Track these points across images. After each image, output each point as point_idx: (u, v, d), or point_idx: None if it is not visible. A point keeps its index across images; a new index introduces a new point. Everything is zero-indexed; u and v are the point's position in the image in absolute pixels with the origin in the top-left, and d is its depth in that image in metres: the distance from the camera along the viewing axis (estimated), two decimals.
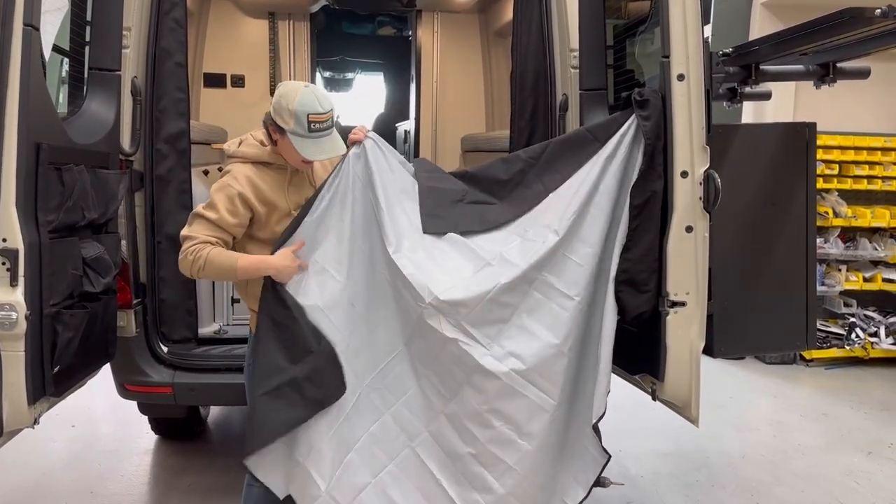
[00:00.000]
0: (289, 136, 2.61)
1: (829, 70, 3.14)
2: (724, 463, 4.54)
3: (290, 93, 2.61)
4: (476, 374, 2.62)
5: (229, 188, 2.61)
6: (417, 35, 6.27)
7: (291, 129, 2.59)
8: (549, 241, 2.68)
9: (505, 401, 2.63)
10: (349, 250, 2.74)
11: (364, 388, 2.72)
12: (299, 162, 2.69)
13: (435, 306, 2.60)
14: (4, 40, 2.31)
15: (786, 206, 3.00)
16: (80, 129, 2.93)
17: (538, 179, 2.87)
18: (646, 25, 3.55)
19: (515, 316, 2.67)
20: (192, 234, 2.57)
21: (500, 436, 2.64)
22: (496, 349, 2.64)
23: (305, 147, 2.60)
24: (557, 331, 2.65)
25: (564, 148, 2.87)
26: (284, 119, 2.60)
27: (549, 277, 2.68)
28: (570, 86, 3.59)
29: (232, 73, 5.76)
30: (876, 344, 6.77)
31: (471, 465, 2.67)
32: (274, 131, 2.66)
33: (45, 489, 4.02)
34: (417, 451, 2.72)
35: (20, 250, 2.34)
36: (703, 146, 2.65)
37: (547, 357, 2.64)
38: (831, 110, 6.59)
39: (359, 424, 2.70)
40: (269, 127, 2.67)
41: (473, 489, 2.67)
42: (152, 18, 3.37)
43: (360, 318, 2.72)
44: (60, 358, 2.58)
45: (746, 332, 2.99)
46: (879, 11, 2.41)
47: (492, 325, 2.65)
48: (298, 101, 2.57)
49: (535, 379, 2.63)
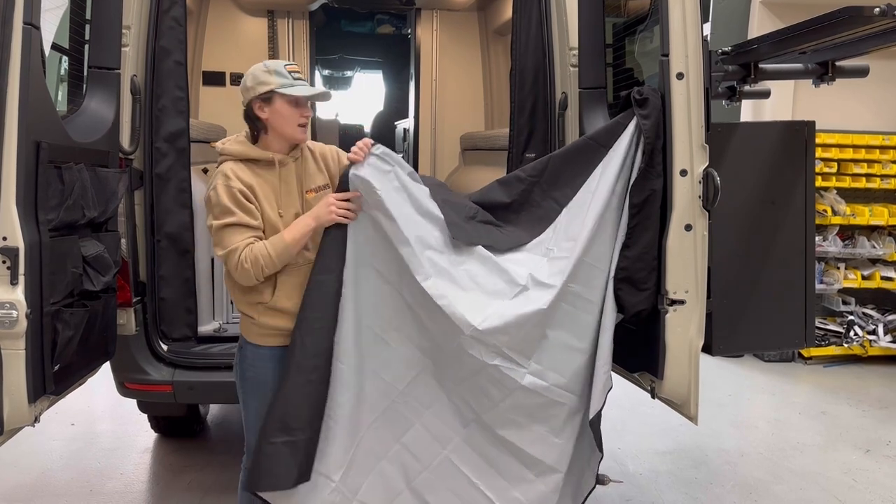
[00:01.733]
0: (278, 92, 2.55)
1: (827, 68, 3.14)
2: (723, 461, 4.55)
3: (252, 69, 2.62)
4: (517, 392, 2.65)
5: (228, 188, 2.53)
6: (416, 33, 6.27)
7: (278, 83, 2.56)
8: (575, 253, 2.67)
9: (544, 410, 2.69)
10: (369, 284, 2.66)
11: (391, 401, 2.70)
12: (295, 126, 2.62)
13: (475, 338, 2.57)
14: (4, 38, 2.31)
15: (784, 204, 3.00)
16: (80, 127, 2.93)
17: (547, 197, 2.83)
18: (645, 24, 3.55)
19: (550, 331, 2.68)
20: (230, 248, 2.49)
21: (540, 438, 2.70)
22: (534, 366, 2.66)
23: (297, 90, 2.57)
24: (584, 337, 2.71)
25: (568, 160, 2.83)
26: (266, 81, 2.56)
27: (575, 287, 2.68)
28: (570, 84, 3.59)
29: (231, 71, 5.76)
30: (874, 342, 6.78)
31: (510, 466, 2.72)
32: (261, 108, 2.59)
33: (44, 487, 4.02)
34: (451, 457, 2.72)
35: (20, 249, 2.34)
36: (703, 145, 2.65)
37: (580, 364, 2.70)
38: (830, 109, 6.59)
39: (389, 435, 2.71)
40: (254, 110, 2.60)
41: (512, 487, 2.72)
42: (152, 17, 3.37)
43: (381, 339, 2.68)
44: (60, 356, 2.58)
45: (745, 330, 3.00)
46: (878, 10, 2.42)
47: (530, 345, 2.66)
48: (265, 64, 2.61)
49: (573, 387, 2.70)
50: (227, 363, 3.45)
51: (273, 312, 2.64)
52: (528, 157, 3.79)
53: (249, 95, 2.60)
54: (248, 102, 2.61)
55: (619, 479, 3.51)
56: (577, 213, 2.75)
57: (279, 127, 2.61)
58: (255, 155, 2.62)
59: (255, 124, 2.64)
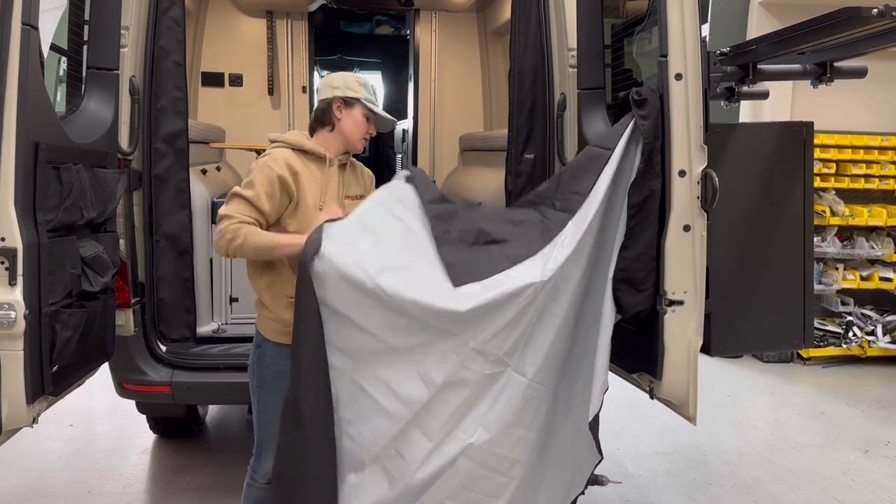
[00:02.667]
0: (362, 102, 2.77)
1: (826, 69, 3.14)
2: (722, 461, 4.55)
3: (344, 74, 2.83)
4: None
5: (269, 169, 2.64)
6: (415, 34, 6.27)
7: (364, 96, 2.77)
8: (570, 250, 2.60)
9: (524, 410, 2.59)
10: None
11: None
12: (361, 137, 2.81)
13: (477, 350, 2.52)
14: (3, 39, 2.31)
15: (783, 204, 3.00)
16: (79, 128, 2.93)
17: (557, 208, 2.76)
18: (644, 24, 3.56)
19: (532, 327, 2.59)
20: (229, 213, 2.59)
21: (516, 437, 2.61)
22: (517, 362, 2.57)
23: (379, 109, 2.81)
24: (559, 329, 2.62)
25: (577, 171, 2.79)
26: (354, 89, 2.77)
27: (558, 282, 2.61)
28: (569, 85, 3.59)
29: (230, 72, 5.76)
30: (873, 342, 6.78)
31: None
32: (339, 107, 2.76)
33: (43, 488, 4.02)
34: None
35: (19, 249, 2.34)
36: (701, 145, 2.65)
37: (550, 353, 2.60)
38: (829, 109, 6.61)
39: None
40: (332, 107, 2.76)
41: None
42: (150, 17, 3.37)
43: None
44: (59, 357, 2.58)
45: (744, 331, 3.00)
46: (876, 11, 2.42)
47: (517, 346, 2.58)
48: (359, 76, 2.83)
49: (547, 381, 2.60)
50: (226, 364, 3.47)
51: None
52: (526, 157, 3.79)
53: (335, 93, 2.77)
54: (330, 98, 2.77)
55: (618, 480, 3.52)
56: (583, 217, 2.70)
57: (348, 131, 2.80)
58: (309, 147, 2.76)
59: (324, 119, 2.80)
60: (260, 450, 2.77)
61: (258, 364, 2.77)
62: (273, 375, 2.71)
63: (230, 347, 3.64)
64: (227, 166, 5.52)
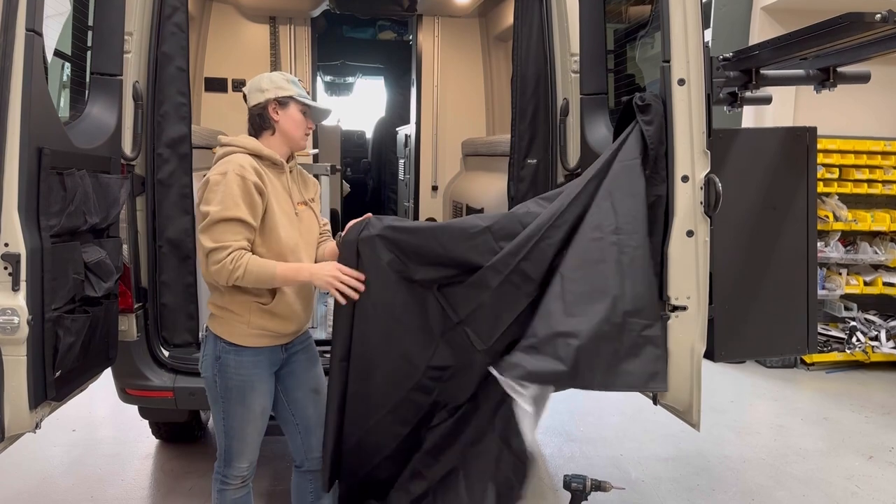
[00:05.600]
0: (295, 99, 2.70)
1: (829, 74, 3.14)
2: (725, 467, 4.54)
3: (269, 75, 2.76)
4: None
5: (241, 179, 2.48)
6: (418, 39, 6.28)
7: (296, 92, 2.71)
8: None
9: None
10: None
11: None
12: (303, 133, 2.74)
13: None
14: (7, 45, 2.32)
15: (786, 210, 3.00)
16: (82, 133, 2.94)
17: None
18: (646, 30, 3.56)
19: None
20: (223, 243, 2.44)
21: None
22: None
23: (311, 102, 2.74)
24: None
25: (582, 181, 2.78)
26: (284, 87, 2.70)
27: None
28: (571, 90, 3.59)
29: (233, 77, 5.78)
30: (877, 348, 6.76)
31: None
32: (275, 109, 2.68)
33: (45, 493, 4.02)
34: None
35: (22, 255, 2.34)
36: (704, 151, 2.65)
37: None
38: (832, 114, 6.60)
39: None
40: (268, 110, 2.68)
41: None
42: (154, 23, 3.38)
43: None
44: (62, 362, 2.58)
45: (747, 336, 2.99)
46: (879, 16, 2.41)
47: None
48: (282, 73, 2.78)
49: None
50: None
51: (270, 315, 2.63)
52: (529, 162, 3.80)
53: (266, 96, 2.69)
54: (263, 103, 2.68)
55: (622, 486, 3.50)
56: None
57: (289, 131, 2.71)
58: (267, 153, 2.66)
59: (262, 124, 2.70)
60: (229, 455, 2.72)
61: (221, 374, 2.65)
62: (238, 384, 2.65)
63: None
64: None
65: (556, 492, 3.99)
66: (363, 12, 6.60)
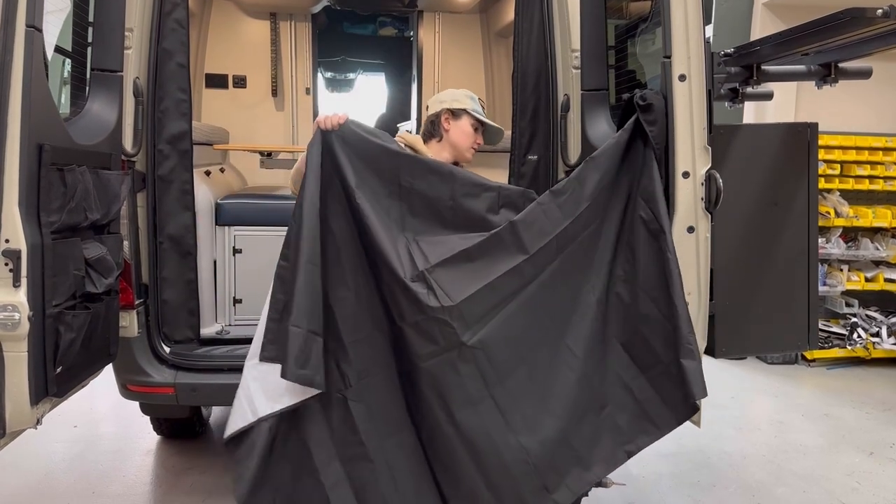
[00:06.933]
0: (469, 113, 2.92)
1: (830, 70, 3.14)
2: (726, 463, 4.54)
3: (451, 91, 3.01)
4: None
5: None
6: (419, 35, 6.27)
7: (471, 107, 2.93)
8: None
9: None
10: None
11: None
12: (469, 146, 2.95)
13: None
14: (7, 41, 2.31)
15: (787, 206, 3.00)
16: (83, 129, 2.93)
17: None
18: (647, 25, 3.55)
19: None
20: None
21: None
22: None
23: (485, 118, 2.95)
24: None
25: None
26: (461, 100, 2.94)
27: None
28: (572, 86, 3.58)
29: (234, 73, 5.78)
30: (878, 344, 6.76)
31: None
32: (447, 119, 2.93)
33: (46, 489, 4.02)
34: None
35: (23, 251, 2.34)
36: (705, 146, 2.65)
37: None
38: (833, 110, 6.59)
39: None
40: (440, 118, 2.94)
41: None
42: (154, 19, 3.37)
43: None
44: (63, 358, 2.58)
45: (748, 333, 2.99)
46: (881, 12, 2.41)
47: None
48: (463, 91, 3.00)
49: None
50: (230, 365, 3.47)
51: None
52: (530, 158, 3.79)
53: (442, 106, 2.96)
54: (438, 112, 2.93)
55: (622, 482, 3.51)
56: None
57: (457, 141, 2.95)
58: (422, 150, 2.94)
59: (433, 131, 2.96)
60: None
61: None
62: None
63: (234, 349, 3.64)
64: (230, 168, 5.52)
65: None
66: (364, 8, 6.59)
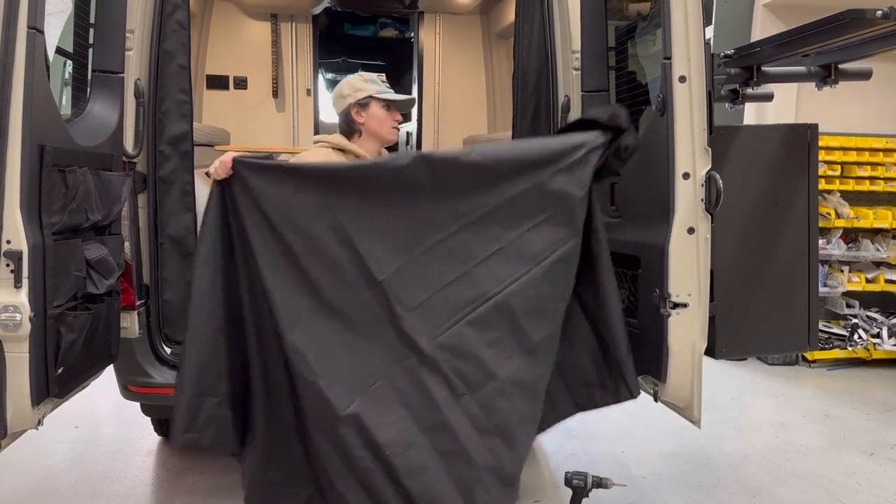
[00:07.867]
0: (375, 97, 2.90)
1: (830, 71, 3.14)
2: (726, 464, 4.54)
3: (348, 79, 2.98)
4: None
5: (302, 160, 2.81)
6: (419, 37, 6.28)
7: (374, 90, 2.91)
8: None
9: None
10: None
11: None
12: (389, 128, 2.95)
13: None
14: (8, 43, 2.32)
15: (788, 207, 3.00)
16: (84, 131, 2.94)
17: None
18: (646, 25, 3.56)
19: None
20: None
21: None
22: None
23: (391, 95, 2.94)
24: None
25: None
26: (363, 88, 2.92)
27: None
28: (572, 87, 3.59)
29: (235, 74, 5.78)
30: (878, 345, 6.76)
31: None
32: (357, 112, 2.92)
33: (47, 490, 4.03)
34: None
35: (24, 252, 2.35)
36: (705, 148, 2.65)
37: None
38: (833, 111, 6.59)
39: None
40: (350, 114, 2.91)
41: None
42: (155, 20, 3.37)
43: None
44: (64, 359, 2.59)
45: (748, 334, 3.00)
46: (881, 13, 2.42)
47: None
48: (361, 74, 2.99)
49: None
50: None
51: None
52: None
53: (348, 101, 2.94)
54: (346, 108, 2.93)
55: (623, 483, 3.50)
56: None
57: (375, 129, 2.94)
58: (350, 147, 2.94)
59: (350, 128, 2.94)
60: None
61: None
62: None
63: None
64: None
65: (557, 488, 4.00)
66: (365, 9, 6.60)
